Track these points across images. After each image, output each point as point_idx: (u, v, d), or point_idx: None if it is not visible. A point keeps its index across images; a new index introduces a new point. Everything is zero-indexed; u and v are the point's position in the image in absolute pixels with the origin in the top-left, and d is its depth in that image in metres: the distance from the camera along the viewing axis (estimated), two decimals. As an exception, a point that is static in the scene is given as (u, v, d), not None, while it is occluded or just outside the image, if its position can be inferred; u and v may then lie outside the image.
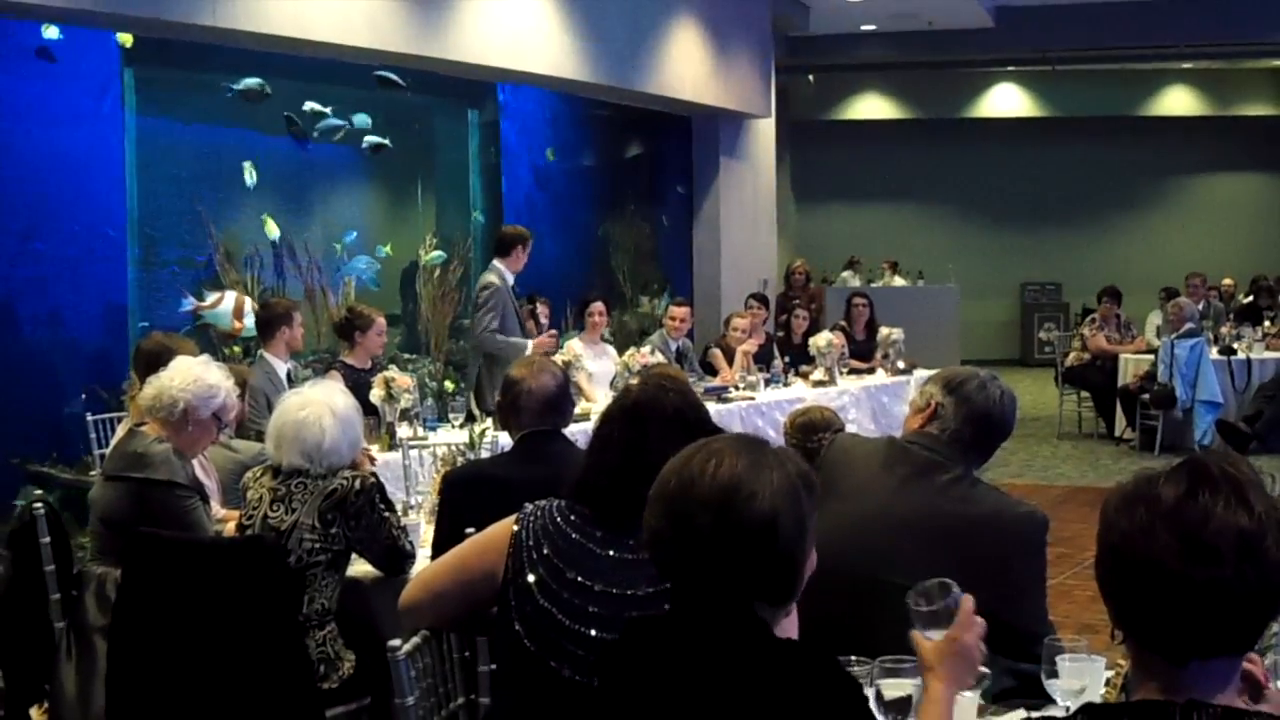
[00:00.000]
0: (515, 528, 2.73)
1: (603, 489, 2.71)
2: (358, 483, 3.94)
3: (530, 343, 8.15)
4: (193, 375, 4.30)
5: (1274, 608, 1.63)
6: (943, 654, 2.29)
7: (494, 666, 2.93)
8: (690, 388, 3.06)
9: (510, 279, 8.31)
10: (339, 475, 3.96)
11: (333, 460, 3.98)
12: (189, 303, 8.45)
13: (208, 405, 4.28)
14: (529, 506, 2.78)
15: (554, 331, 9.11)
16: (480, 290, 8.28)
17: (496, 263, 8.34)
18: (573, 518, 2.70)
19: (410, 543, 4.15)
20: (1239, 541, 1.58)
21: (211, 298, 8.38)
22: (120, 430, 4.94)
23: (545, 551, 2.66)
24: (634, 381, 3.08)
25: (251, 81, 9.10)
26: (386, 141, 10.18)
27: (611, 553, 2.64)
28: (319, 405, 4.01)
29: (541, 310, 9.85)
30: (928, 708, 2.29)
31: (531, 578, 2.65)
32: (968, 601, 2.31)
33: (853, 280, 16.39)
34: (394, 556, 4.08)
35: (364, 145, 10.12)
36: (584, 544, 2.66)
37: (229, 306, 8.26)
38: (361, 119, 9.82)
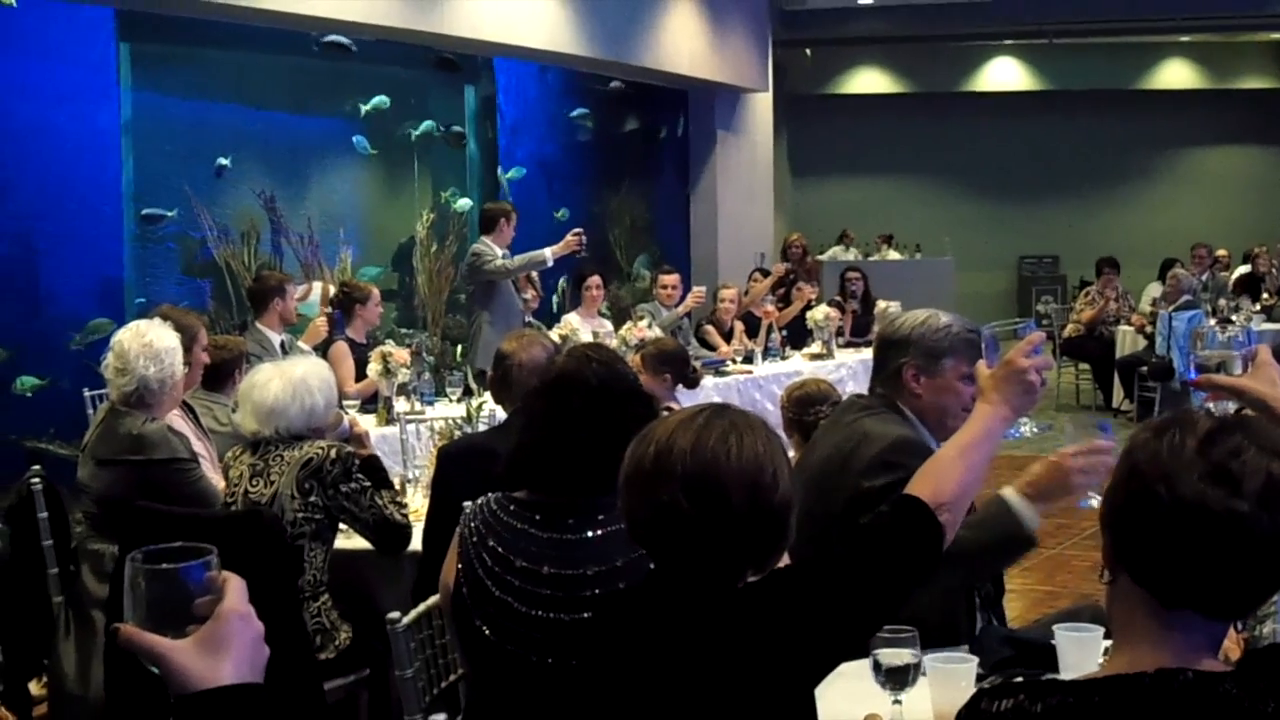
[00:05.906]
0: (459, 530, 2.72)
1: (533, 468, 2.70)
2: (333, 452, 3.99)
3: (548, 251, 8.25)
4: (152, 350, 4.30)
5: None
6: (996, 377, 2.37)
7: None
8: (619, 358, 2.96)
9: (499, 253, 8.29)
10: (314, 445, 4.00)
11: (280, 422, 4.03)
12: None
13: (175, 365, 4.35)
14: (468, 506, 2.78)
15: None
16: (471, 257, 8.36)
17: (484, 238, 8.36)
18: (511, 507, 2.67)
19: (404, 515, 4.12)
20: (1265, 482, 1.52)
21: (300, 289, 8.38)
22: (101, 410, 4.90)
23: (491, 544, 2.64)
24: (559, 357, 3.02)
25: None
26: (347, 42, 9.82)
27: (553, 534, 2.62)
28: (275, 370, 4.13)
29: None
30: (968, 424, 2.35)
31: (483, 573, 2.64)
32: (1035, 334, 2.40)
33: (844, 255, 16.29)
34: (385, 531, 4.05)
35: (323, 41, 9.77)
36: (526, 530, 2.63)
37: (317, 297, 8.31)
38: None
